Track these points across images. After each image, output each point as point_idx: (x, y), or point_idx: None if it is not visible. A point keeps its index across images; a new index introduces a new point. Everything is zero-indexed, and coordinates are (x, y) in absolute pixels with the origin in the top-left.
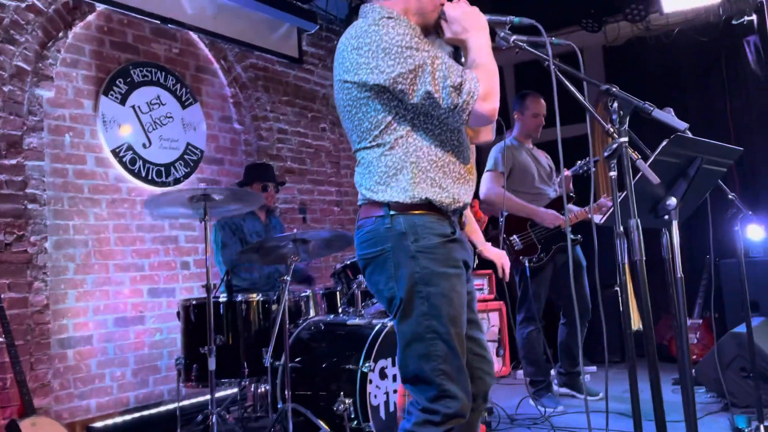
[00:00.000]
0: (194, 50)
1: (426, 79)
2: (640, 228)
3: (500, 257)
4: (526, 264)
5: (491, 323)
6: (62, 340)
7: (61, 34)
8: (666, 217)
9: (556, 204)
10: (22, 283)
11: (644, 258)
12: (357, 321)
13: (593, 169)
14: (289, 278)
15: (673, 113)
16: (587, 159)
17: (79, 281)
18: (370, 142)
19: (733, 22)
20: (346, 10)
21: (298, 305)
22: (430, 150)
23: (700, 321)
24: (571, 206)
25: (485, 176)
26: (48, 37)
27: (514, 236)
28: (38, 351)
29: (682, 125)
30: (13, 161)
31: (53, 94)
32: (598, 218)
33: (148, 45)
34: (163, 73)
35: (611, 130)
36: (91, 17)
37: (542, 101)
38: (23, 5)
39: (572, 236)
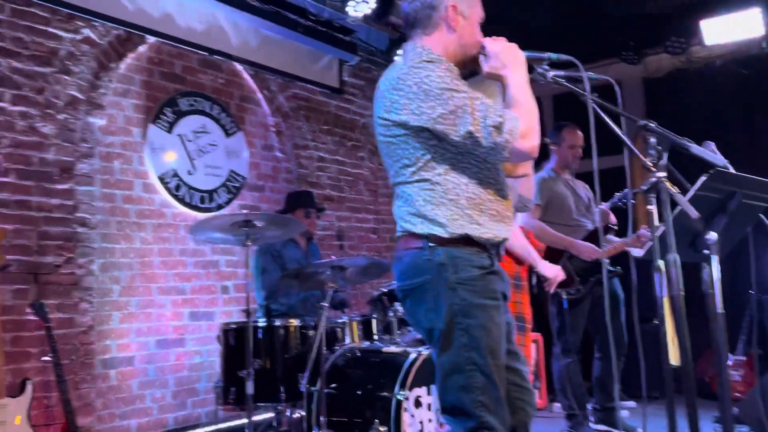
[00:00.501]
0: (239, 80)
1: (466, 119)
2: (679, 262)
3: (556, 273)
4: (563, 296)
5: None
6: (105, 361)
7: (113, 65)
8: (706, 251)
9: (595, 236)
10: (69, 304)
11: (683, 293)
12: (392, 349)
13: (631, 201)
14: (326, 304)
15: (714, 147)
16: (625, 191)
17: (124, 303)
18: (408, 177)
19: None
20: (386, 42)
21: (334, 331)
22: (468, 188)
23: (744, 358)
24: (611, 237)
25: None
26: (101, 67)
27: None
28: (82, 371)
29: (721, 161)
30: (66, 186)
31: (105, 122)
32: (637, 252)
33: (195, 75)
34: (209, 103)
35: (649, 164)
36: (142, 48)
37: (579, 133)
38: (79, 37)
39: (611, 268)
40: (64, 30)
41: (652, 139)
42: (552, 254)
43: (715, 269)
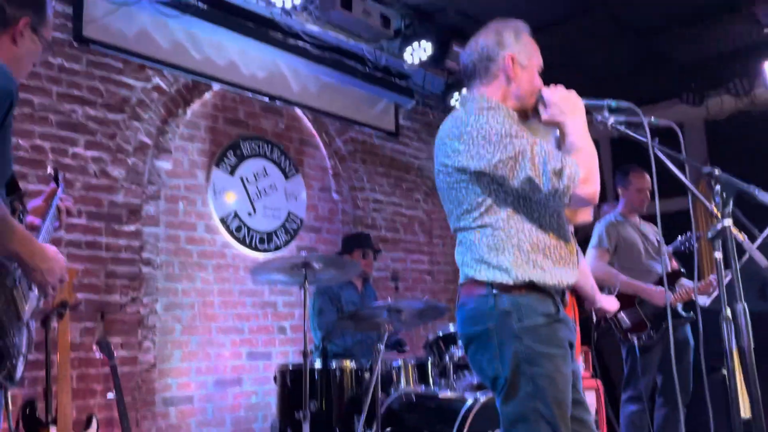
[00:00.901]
0: (298, 125)
1: (526, 165)
2: (747, 312)
3: (611, 304)
4: (635, 341)
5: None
6: (166, 399)
7: (180, 111)
8: None
9: (669, 280)
10: (133, 342)
11: (753, 344)
12: (449, 394)
13: (695, 245)
14: (382, 347)
15: None
16: (688, 234)
17: (185, 342)
18: (470, 223)
19: None
20: (441, 86)
21: (390, 374)
22: (531, 232)
23: None
24: (684, 281)
25: (590, 253)
26: (169, 113)
27: (621, 313)
28: (144, 408)
29: None
30: (132, 227)
31: (171, 166)
32: (702, 300)
33: (257, 120)
34: (270, 146)
35: (715, 211)
36: (207, 95)
37: (646, 176)
38: (149, 86)
39: (683, 314)
40: (136, 79)
41: (717, 186)
42: (622, 299)
43: None
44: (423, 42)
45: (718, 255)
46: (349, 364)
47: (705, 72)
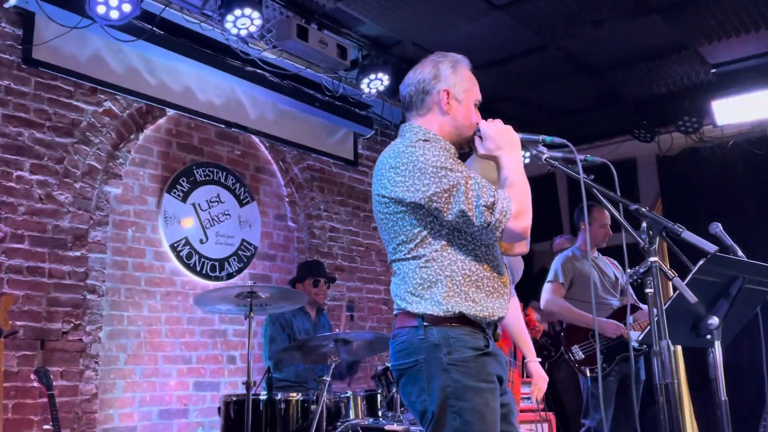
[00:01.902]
0: (255, 152)
1: (460, 198)
2: (672, 348)
3: (539, 378)
4: (588, 374)
5: None
6: (107, 430)
7: (132, 136)
8: (708, 336)
9: (620, 314)
10: (74, 371)
11: (677, 380)
12: (395, 427)
13: (639, 279)
14: (328, 378)
15: (720, 229)
16: (636, 268)
17: (129, 371)
18: (405, 254)
19: None
20: (400, 116)
21: (337, 406)
22: (464, 264)
23: None
24: (637, 315)
25: (546, 287)
26: (120, 138)
27: (575, 347)
28: None
29: (711, 248)
30: (78, 253)
31: (120, 191)
32: (636, 335)
33: (212, 147)
34: (224, 173)
35: (644, 247)
36: (161, 121)
37: (606, 212)
38: (100, 110)
39: (636, 346)
40: (87, 102)
41: (644, 224)
42: (576, 332)
43: (718, 355)
44: (380, 74)
45: (649, 291)
46: (294, 395)
47: (656, 109)
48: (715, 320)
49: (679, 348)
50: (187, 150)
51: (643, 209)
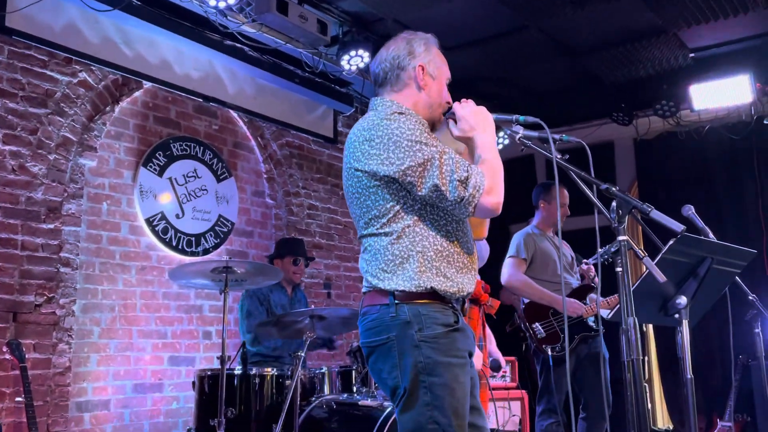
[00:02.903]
0: (233, 127)
1: (434, 173)
2: (637, 326)
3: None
4: (549, 353)
5: (512, 412)
6: (80, 404)
7: (108, 108)
8: (676, 315)
9: (579, 293)
10: (47, 344)
11: (641, 357)
12: (369, 402)
13: (609, 258)
14: (303, 354)
15: (693, 211)
16: (606, 247)
17: (103, 345)
18: (377, 229)
19: (765, 121)
20: None
21: (312, 382)
22: (435, 240)
23: (730, 424)
24: (593, 295)
25: (507, 262)
26: (95, 110)
27: (537, 324)
28: (56, 413)
29: (678, 227)
30: (51, 226)
31: (95, 164)
32: (605, 312)
33: (189, 121)
34: (202, 148)
35: (614, 227)
36: (138, 93)
37: (565, 191)
38: (75, 80)
39: (593, 325)
40: (61, 73)
41: (614, 203)
42: (536, 310)
43: (685, 333)
44: (361, 50)
45: (619, 269)
46: (269, 370)
47: (634, 93)
48: (683, 300)
49: (650, 327)
50: (163, 124)
51: (613, 188)
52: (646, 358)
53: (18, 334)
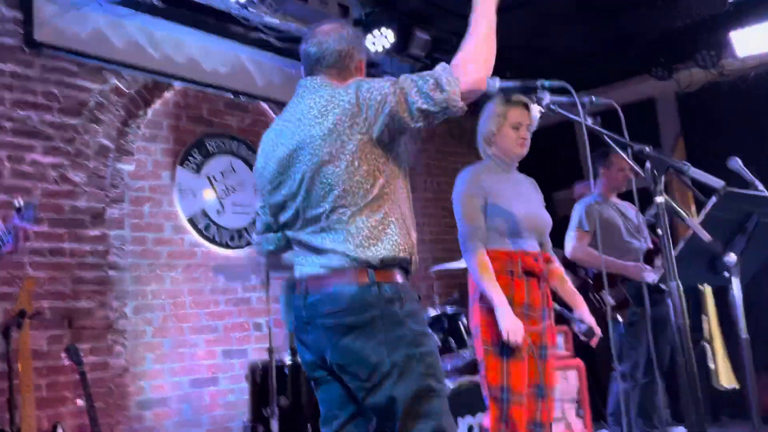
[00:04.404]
0: (265, 119)
1: (413, 97)
2: (681, 290)
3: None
4: (620, 320)
5: (569, 382)
6: (140, 402)
7: (141, 112)
8: (726, 274)
9: (647, 257)
10: (103, 347)
11: (687, 321)
12: None
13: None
14: None
15: (740, 163)
16: (649, 210)
17: (157, 344)
18: (361, 199)
19: None
20: (409, 72)
21: None
22: (403, 207)
23: None
24: (658, 262)
25: (570, 235)
26: (129, 115)
27: (606, 292)
28: (118, 413)
29: (718, 184)
30: (97, 232)
31: (133, 168)
32: (650, 277)
33: (221, 117)
34: (236, 143)
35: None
36: (168, 94)
37: (625, 156)
38: (107, 87)
39: (664, 287)
40: (92, 81)
41: (648, 164)
42: (606, 279)
43: (737, 292)
44: (384, 29)
45: (660, 231)
46: None
47: (672, 46)
48: (732, 257)
49: (708, 288)
50: (196, 122)
51: (647, 149)
52: (706, 317)
53: (74, 339)
